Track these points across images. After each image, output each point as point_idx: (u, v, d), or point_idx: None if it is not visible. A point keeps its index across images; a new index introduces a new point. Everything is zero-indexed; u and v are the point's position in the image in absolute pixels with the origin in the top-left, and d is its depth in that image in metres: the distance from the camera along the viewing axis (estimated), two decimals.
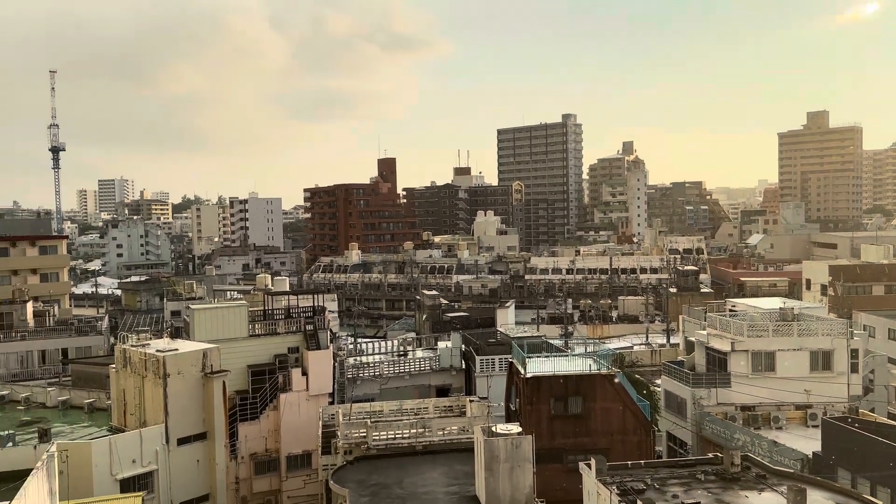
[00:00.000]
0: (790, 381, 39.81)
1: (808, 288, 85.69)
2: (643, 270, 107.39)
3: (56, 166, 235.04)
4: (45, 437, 35.61)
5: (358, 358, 50.68)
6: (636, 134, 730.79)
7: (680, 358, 48.73)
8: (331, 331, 49.01)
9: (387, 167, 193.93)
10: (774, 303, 49.26)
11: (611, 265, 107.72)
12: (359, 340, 60.62)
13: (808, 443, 34.46)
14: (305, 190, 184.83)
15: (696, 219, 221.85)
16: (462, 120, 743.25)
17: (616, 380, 33.53)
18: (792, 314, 42.43)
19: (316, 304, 48.50)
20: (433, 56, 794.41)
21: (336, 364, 46.16)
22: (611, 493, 23.78)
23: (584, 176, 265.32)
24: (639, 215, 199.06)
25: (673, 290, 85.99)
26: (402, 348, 53.20)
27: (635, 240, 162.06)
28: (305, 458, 41.79)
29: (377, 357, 51.35)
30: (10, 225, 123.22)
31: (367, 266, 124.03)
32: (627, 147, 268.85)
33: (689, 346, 46.86)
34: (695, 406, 40.72)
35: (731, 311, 47.54)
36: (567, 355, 38.54)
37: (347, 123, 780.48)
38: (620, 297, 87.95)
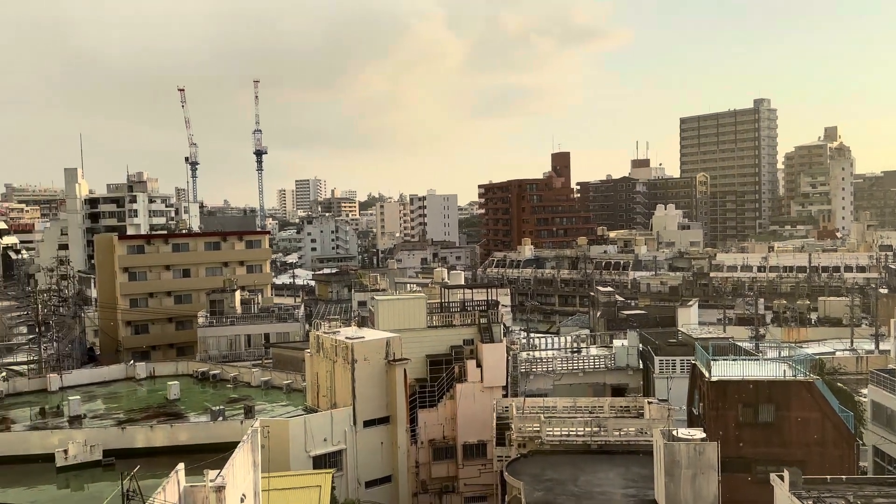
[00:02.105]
0: None
1: None
2: (848, 269, 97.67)
3: (259, 168, 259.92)
4: (249, 413, 39.57)
5: (531, 353, 50.83)
6: (841, 119, 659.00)
7: (891, 366, 43.75)
8: (504, 325, 49.60)
9: (560, 161, 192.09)
10: None
11: (810, 262, 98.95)
12: (531, 335, 60.79)
13: None
14: (480, 186, 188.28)
15: None
16: (641, 110, 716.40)
17: (815, 388, 30.75)
18: None
19: (489, 298, 49.27)
20: (611, 45, 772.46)
21: (509, 358, 46.63)
22: None
23: (779, 166, 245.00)
24: (843, 208, 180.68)
25: (883, 290, 77.31)
26: (575, 345, 52.59)
27: (839, 235, 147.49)
28: (480, 448, 42.66)
29: (550, 353, 51.17)
30: (221, 222, 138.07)
31: (540, 261, 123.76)
32: (830, 133, 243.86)
33: None
34: None
35: None
36: (758, 359, 35.91)
37: (522, 119, 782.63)
38: (821, 298, 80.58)
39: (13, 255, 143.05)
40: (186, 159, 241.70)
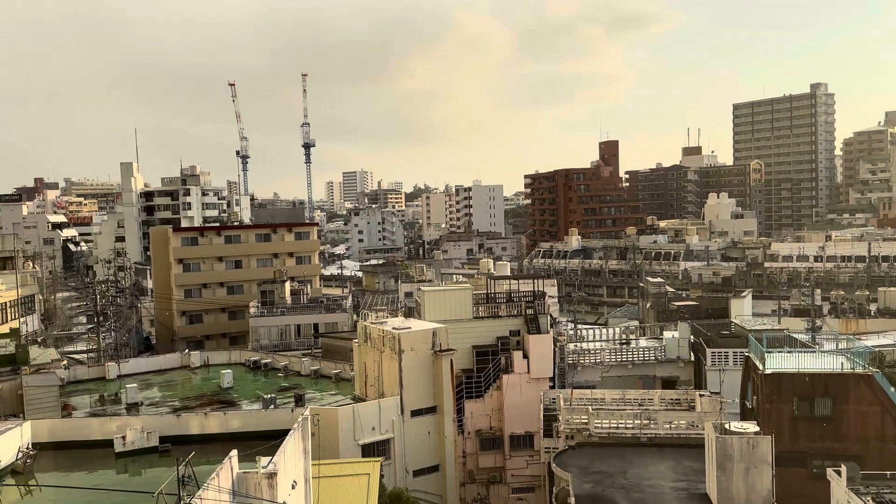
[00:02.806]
0: None
1: None
2: None
3: (307, 161, 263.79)
4: (300, 401, 40.24)
5: (578, 344, 50.37)
6: None
7: None
8: (551, 316, 49.24)
9: (609, 150, 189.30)
10: None
11: (869, 252, 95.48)
12: (579, 326, 60.20)
13: None
14: (526, 176, 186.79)
15: None
16: (692, 97, 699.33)
17: (874, 381, 29.72)
18: None
19: (536, 288, 48.96)
20: (661, 30, 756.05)
21: (556, 349, 46.31)
22: None
23: (837, 152, 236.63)
24: None
25: None
26: (624, 336, 51.88)
27: None
28: (527, 439, 42.58)
29: (598, 344, 50.62)
30: (271, 214, 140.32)
31: (588, 252, 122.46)
32: (892, 118, 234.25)
33: None
34: None
35: None
36: (814, 351, 34.86)
37: (569, 108, 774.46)
38: (881, 289, 77.58)
39: (73, 248, 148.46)
40: (237, 153, 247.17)
